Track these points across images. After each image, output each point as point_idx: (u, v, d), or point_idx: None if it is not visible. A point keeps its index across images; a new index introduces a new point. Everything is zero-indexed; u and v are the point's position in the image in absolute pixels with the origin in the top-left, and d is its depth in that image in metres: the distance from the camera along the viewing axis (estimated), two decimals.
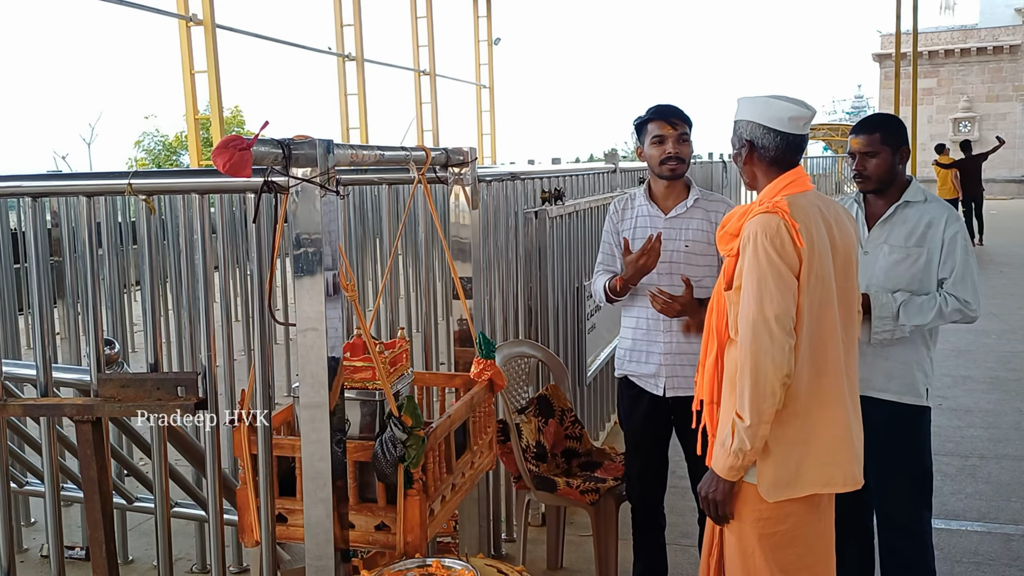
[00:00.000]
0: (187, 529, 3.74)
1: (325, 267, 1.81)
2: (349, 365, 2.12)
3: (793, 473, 2.16)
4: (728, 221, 2.27)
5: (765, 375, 2.06)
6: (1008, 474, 4.64)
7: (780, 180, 2.22)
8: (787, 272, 2.08)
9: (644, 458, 3.18)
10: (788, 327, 2.07)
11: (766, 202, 2.16)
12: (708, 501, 2.23)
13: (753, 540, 2.20)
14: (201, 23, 12.65)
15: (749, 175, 2.31)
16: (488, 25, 23.91)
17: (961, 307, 2.73)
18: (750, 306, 2.09)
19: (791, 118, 2.21)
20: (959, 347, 7.34)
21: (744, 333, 2.11)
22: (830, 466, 2.18)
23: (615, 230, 3.15)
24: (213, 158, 1.64)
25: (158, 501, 2.38)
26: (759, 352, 2.06)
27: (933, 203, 2.85)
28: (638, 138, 3.13)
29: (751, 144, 2.25)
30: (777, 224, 2.09)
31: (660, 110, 3.05)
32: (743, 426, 2.09)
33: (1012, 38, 34.62)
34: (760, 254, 2.08)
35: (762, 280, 2.08)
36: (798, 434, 2.15)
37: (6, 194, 2.61)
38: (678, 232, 3.07)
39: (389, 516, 2.09)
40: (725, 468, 2.16)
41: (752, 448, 2.10)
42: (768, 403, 2.07)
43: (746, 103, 2.29)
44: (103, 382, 2.10)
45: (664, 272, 3.01)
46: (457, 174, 2.77)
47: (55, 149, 59.82)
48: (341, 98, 17.87)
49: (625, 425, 3.27)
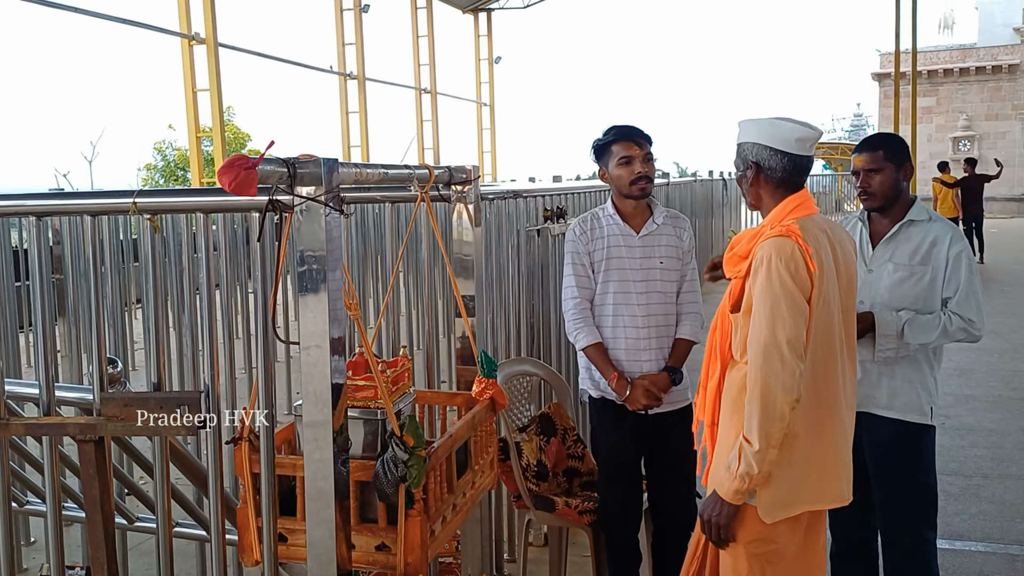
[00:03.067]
0: (187, 549, 3.72)
1: (329, 285, 1.81)
2: (351, 383, 2.11)
3: (790, 494, 2.16)
4: (737, 243, 2.26)
5: (775, 399, 2.05)
6: (1012, 494, 4.62)
7: (788, 203, 2.22)
8: (800, 297, 2.08)
9: (625, 482, 3.17)
10: (799, 351, 2.07)
11: (776, 225, 2.16)
12: (711, 524, 2.20)
13: (744, 560, 2.20)
14: (203, 42, 12.73)
15: (754, 197, 2.30)
16: (489, 44, 24.07)
17: (965, 326, 2.73)
18: (762, 330, 2.08)
19: (798, 139, 2.22)
20: (961, 366, 7.33)
21: (755, 356, 2.09)
22: (822, 484, 2.20)
23: (586, 250, 3.16)
24: (219, 177, 1.64)
25: (160, 521, 2.37)
26: (770, 376, 2.05)
27: (937, 222, 2.86)
28: (598, 160, 3.15)
29: (757, 166, 2.25)
30: (792, 248, 2.09)
31: (624, 131, 3.08)
32: (751, 450, 2.08)
33: (1011, 57, 34.77)
34: (774, 278, 2.08)
35: (775, 304, 2.07)
36: (797, 456, 2.15)
37: (10, 213, 2.61)
38: (652, 249, 3.13)
39: (390, 537, 2.08)
40: (731, 492, 2.14)
41: (759, 472, 2.09)
42: (777, 427, 2.06)
43: (750, 125, 2.29)
44: (106, 401, 2.09)
45: (642, 291, 3.09)
46: (460, 192, 2.77)
47: (56, 167, 60.04)
48: (342, 116, 17.97)
49: (602, 448, 3.23)
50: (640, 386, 3.00)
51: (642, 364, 3.06)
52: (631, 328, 3.05)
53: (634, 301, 3.06)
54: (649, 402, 3.00)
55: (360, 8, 17.73)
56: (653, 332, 3.08)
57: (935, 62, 35.40)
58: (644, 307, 3.06)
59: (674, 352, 3.11)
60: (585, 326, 3.11)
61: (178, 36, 12.63)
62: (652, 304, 3.06)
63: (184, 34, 12.59)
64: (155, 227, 2.23)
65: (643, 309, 3.07)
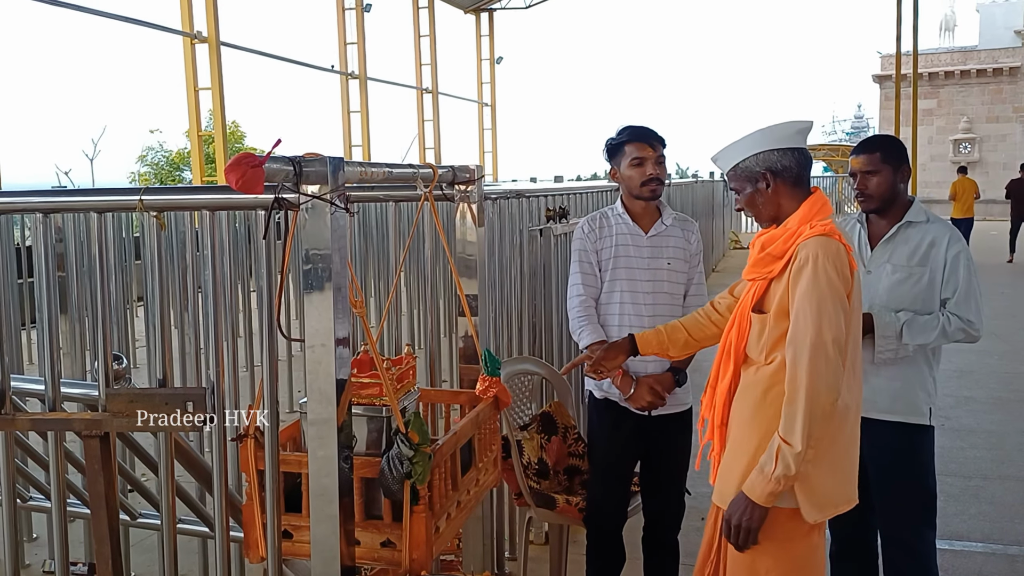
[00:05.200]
0: (188, 546, 3.73)
1: (334, 283, 1.82)
2: (356, 381, 2.12)
3: (832, 494, 2.16)
4: (770, 244, 2.21)
5: (819, 399, 2.04)
6: (1012, 495, 4.63)
7: (813, 201, 2.20)
8: (844, 295, 2.08)
9: (619, 481, 3.18)
10: (843, 350, 2.07)
11: (815, 223, 2.15)
12: (740, 528, 2.16)
13: (769, 562, 2.19)
14: (206, 40, 12.73)
15: (773, 208, 2.24)
16: (490, 44, 24.08)
17: (964, 326, 2.74)
18: (808, 329, 2.06)
19: (798, 131, 2.23)
20: (962, 368, 7.34)
21: (799, 356, 2.07)
22: (847, 485, 2.20)
23: (593, 248, 3.17)
24: (226, 175, 1.66)
25: (165, 518, 2.38)
26: (815, 376, 2.04)
27: (935, 223, 2.87)
28: (610, 159, 3.16)
29: (772, 172, 2.21)
30: (837, 247, 2.09)
31: (638, 132, 3.08)
32: (792, 452, 2.05)
33: (1012, 60, 34.78)
34: (821, 276, 2.06)
35: (822, 302, 2.05)
36: (837, 455, 2.15)
37: (18, 210, 2.63)
38: (660, 250, 3.13)
39: (395, 533, 2.09)
40: (764, 495, 2.11)
41: (797, 473, 2.07)
42: (820, 428, 2.05)
43: (741, 144, 2.25)
44: (112, 397, 2.10)
45: (649, 291, 3.10)
46: (463, 191, 2.78)
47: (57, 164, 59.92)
48: (344, 116, 17.97)
49: (599, 447, 3.24)
50: (646, 384, 3.01)
51: (647, 364, 3.06)
52: (637, 328, 3.05)
53: (641, 301, 3.07)
54: (654, 400, 3.01)
55: (362, 8, 17.75)
56: None
57: (936, 64, 35.42)
58: (651, 307, 3.07)
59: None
60: (589, 324, 3.12)
61: (181, 35, 12.64)
62: (659, 304, 3.07)
63: (187, 33, 12.60)
64: (161, 224, 2.24)
65: (649, 309, 3.08)
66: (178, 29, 12.63)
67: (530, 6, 23.85)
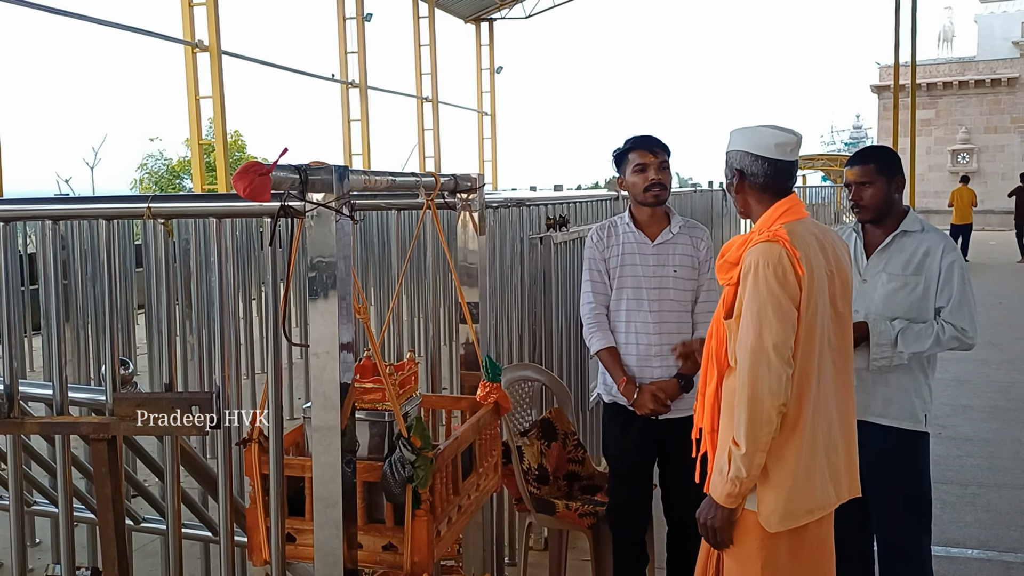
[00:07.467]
0: (191, 551, 3.75)
1: (339, 290, 1.86)
2: (359, 386, 2.15)
3: (790, 504, 2.16)
4: (727, 250, 2.29)
5: (761, 403, 2.08)
6: (1007, 503, 4.66)
7: (776, 208, 2.26)
8: (787, 302, 2.11)
9: (633, 484, 3.21)
10: (786, 356, 2.10)
11: (765, 230, 2.20)
12: (707, 528, 2.24)
13: (750, 566, 2.22)
14: (207, 49, 12.77)
15: (742, 204, 2.35)
16: (490, 53, 24.13)
17: (958, 334, 2.78)
18: (749, 335, 2.12)
19: (777, 144, 2.26)
20: (958, 377, 7.37)
21: (742, 361, 2.13)
22: (808, 496, 2.19)
23: (602, 257, 3.22)
24: (234, 182, 1.69)
25: (170, 522, 2.41)
26: (756, 380, 2.09)
27: (930, 232, 2.91)
28: (617, 168, 3.21)
29: (741, 173, 2.30)
30: (779, 253, 2.12)
31: (640, 140, 3.15)
32: (739, 453, 2.11)
33: (1010, 71, 34.85)
34: (761, 283, 2.11)
35: (762, 309, 2.11)
36: (791, 465, 2.16)
37: (26, 217, 2.66)
38: (667, 258, 3.17)
39: (396, 536, 2.12)
40: (723, 495, 2.18)
41: (748, 476, 2.12)
42: (764, 431, 2.10)
43: (736, 134, 2.34)
44: (119, 401, 2.13)
45: (654, 298, 3.13)
46: (465, 200, 2.82)
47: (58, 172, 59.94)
48: (344, 124, 18.00)
49: (612, 451, 3.29)
50: (648, 391, 3.05)
51: (653, 371, 3.10)
52: (643, 335, 3.09)
53: (646, 308, 3.11)
54: (656, 407, 3.04)
55: (363, 17, 17.81)
56: (665, 340, 3.11)
57: (934, 75, 35.48)
58: (656, 314, 3.10)
59: (687, 360, 3.13)
60: (599, 331, 3.16)
61: (182, 44, 12.68)
62: (664, 312, 3.11)
63: (188, 42, 12.64)
64: (169, 232, 2.28)
65: (655, 316, 3.12)
66: (179, 38, 12.67)
67: (530, 16, 23.94)
